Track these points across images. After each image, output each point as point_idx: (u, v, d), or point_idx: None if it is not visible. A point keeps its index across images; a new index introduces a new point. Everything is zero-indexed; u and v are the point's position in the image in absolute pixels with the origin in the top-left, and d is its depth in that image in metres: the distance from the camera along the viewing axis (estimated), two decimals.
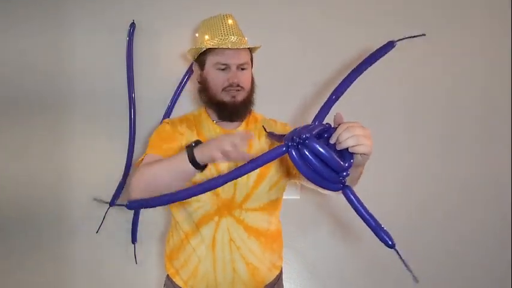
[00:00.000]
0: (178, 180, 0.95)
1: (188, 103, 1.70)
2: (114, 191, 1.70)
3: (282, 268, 1.27)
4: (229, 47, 1.13)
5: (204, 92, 1.20)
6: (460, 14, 1.80)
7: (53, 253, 1.74)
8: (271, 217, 1.22)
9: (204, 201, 1.13)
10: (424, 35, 0.98)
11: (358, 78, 0.89)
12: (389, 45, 0.93)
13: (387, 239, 0.72)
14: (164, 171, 0.95)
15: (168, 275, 1.22)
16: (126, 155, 1.69)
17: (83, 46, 1.72)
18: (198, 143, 0.93)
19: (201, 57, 1.20)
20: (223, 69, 1.16)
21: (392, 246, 0.72)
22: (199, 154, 0.90)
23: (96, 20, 1.72)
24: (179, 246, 1.17)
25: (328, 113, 0.89)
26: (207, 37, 1.18)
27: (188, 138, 1.16)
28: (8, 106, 1.72)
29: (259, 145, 1.21)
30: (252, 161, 0.80)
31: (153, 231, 1.74)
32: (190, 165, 0.90)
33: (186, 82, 1.69)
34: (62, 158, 1.73)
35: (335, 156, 0.74)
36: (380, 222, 0.73)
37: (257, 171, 1.14)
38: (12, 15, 1.71)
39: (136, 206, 0.86)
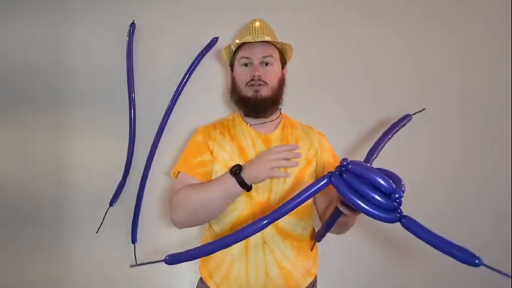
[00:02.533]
0: (226, 204, 1.06)
1: (188, 103, 1.70)
2: (114, 191, 1.70)
3: (316, 276, 1.25)
4: (246, 40, 1.17)
5: (233, 90, 1.23)
6: (460, 14, 1.80)
7: (53, 253, 1.74)
8: (305, 222, 1.21)
9: (238, 204, 1.13)
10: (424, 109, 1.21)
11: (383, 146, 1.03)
12: (406, 118, 1.07)
13: (471, 258, 0.65)
14: (212, 199, 1.03)
15: (201, 278, 1.22)
16: (126, 155, 1.69)
17: (83, 46, 1.72)
18: (239, 167, 1.00)
19: (232, 59, 1.26)
20: (247, 65, 1.19)
21: (479, 264, 0.65)
22: (249, 177, 0.98)
23: (96, 20, 1.71)
24: None
25: None
26: (237, 41, 1.23)
27: (220, 143, 1.18)
28: (8, 106, 1.72)
29: (298, 150, 1.22)
30: (295, 197, 0.81)
31: (153, 231, 1.74)
32: (240, 188, 0.99)
33: (186, 82, 1.69)
34: (61, 158, 1.73)
35: (383, 175, 0.72)
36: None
37: (294, 174, 1.18)
38: (12, 14, 1.70)
39: (176, 261, 0.90)
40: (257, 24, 1.23)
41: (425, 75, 1.80)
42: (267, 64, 1.18)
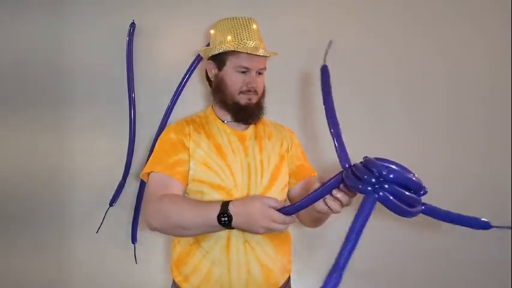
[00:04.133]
0: (206, 232, 1.06)
1: (188, 103, 1.70)
2: (114, 191, 1.70)
3: (290, 272, 1.27)
4: (259, 53, 1.14)
5: (219, 92, 1.20)
6: (460, 12, 1.80)
7: (53, 253, 1.74)
8: None
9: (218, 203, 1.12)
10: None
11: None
12: (325, 70, 0.90)
13: (480, 224, 0.78)
14: (194, 227, 1.01)
15: (174, 281, 1.20)
16: (126, 155, 1.69)
17: (83, 46, 1.72)
18: (229, 217, 0.94)
19: (219, 57, 1.19)
20: (242, 72, 1.16)
21: (489, 226, 0.77)
22: (239, 226, 0.96)
23: (96, 20, 1.71)
24: (188, 251, 1.15)
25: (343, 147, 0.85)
26: (229, 38, 1.17)
27: (195, 140, 1.16)
28: (8, 106, 1.72)
29: (270, 145, 1.23)
30: (352, 230, 0.70)
31: (153, 231, 1.74)
32: (222, 227, 0.97)
33: (186, 82, 1.69)
34: (61, 158, 1.73)
35: (411, 177, 0.74)
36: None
37: (270, 170, 1.19)
38: (12, 14, 1.71)
39: None
40: (254, 26, 1.20)
41: (421, 71, 1.80)
42: (259, 74, 1.19)
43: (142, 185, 1.70)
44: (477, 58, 1.81)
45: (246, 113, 1.18)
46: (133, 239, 1.72)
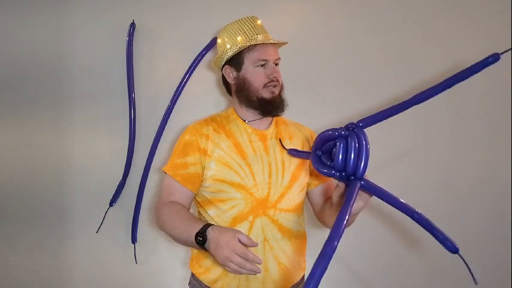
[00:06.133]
0: (190, 246, 1.09)
1: (188, 104, 1.70)
2: (114, 191, 1.70)
3: (305, 270, 1.28)
4: (271, 42, 1.18)
5: (244, 91, 1.21)
6: (461, 12, 1.80)
7: (53, 253, 1.74)
8: (301, 219, 1.24)
9: (238, 200, 1.14)
10: None
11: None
12: (494, 58, 0.76)
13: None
14: (180, 240, 1.08)
15: (193, 274, 1.22)
16: (126, 155, 1.69)
17: (83, 46, 1.72)
18: (204, 236, 0.98)
19: (235, 59, 1.21)
20: (262, 66, 1.19)
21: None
22: (210, 249, 0.97)
23: (96, 20, 1.72)
24: None
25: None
26: (239, 38, 1.19)
27: (214, 141, 1.17)
28: (8, 106, 1.72)
29: (291, 146, 1.24)
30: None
31: (153, 231, 1.74)
32: (198, 246, 1.00)
33: (186, 82, 1.69)
34: (61, 158, 1.73)
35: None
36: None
37: (291, 170, 1.20)
38: (12, 14, 1.71)
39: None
40: (259, 22, 1.23)
41: (421, 72, 1.80)
42: (276, 64, 1.22)
43: (143, 185, 1.70)
44: (477, 58, 1.80)
45: (272, 106, 1.19)
46: (133, 239, 1.72)
